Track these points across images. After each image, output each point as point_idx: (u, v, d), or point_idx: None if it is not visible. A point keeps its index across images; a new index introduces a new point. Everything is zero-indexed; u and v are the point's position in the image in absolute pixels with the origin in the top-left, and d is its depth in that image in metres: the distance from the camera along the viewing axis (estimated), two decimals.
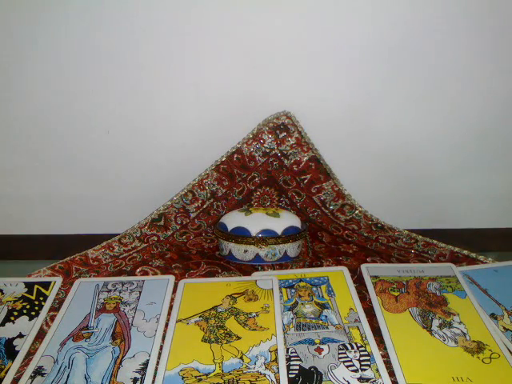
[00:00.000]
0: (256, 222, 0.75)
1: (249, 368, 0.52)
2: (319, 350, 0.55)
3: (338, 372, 0.52)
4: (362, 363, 0.53)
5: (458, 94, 0.83)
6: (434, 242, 0.79)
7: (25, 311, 0.63)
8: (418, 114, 0.84)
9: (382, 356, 0.54)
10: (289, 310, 0.62)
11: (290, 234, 0.74)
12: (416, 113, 0.84)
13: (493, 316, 0.61)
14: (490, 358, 0.54)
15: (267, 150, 0.84)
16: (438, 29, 0.78)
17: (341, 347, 0.55)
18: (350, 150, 0.87)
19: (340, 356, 0.54)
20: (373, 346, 0.55)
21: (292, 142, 0.84)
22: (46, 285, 0.68)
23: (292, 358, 0.54)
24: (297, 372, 0.52)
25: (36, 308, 0.64)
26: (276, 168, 0.85)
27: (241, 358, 0.54)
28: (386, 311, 0.61)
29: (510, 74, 0.81)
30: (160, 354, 0.55)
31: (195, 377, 0.52)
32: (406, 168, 0.89)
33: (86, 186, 0.89)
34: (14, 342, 0.58)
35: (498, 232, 0.92)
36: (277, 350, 0.55)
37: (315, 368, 0.52)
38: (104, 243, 0.79)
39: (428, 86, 0.82)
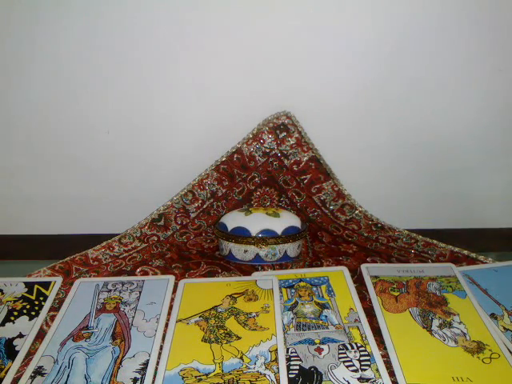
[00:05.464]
0: (256, 222, 0.75)
1: (249, 368, 0.52)
2: (319, 350, 0.55)
3: (338, 372, 0.52)
4: (362, 363, 0.53)
5: (458, 94, 0.83)
6: (434, 242, 0.79)
7: (25, 311, 0.63)
8: (418, 114, 0.84)
9: (382, 356, 0.54)
10: (289, 310, 0.62)
11: (289, 234, 0.74)
12: (416, 113, 0.84)
13: (493, 316, 0.61)
14: (490, 358, 0.54)
15: (267, 150, 0.84)
16: (438, 28, 0.78)
17: (341, 347, 0.55)
18: (350, 150, 0.87)
19: (340, 356, 0.54)
20: (373, 346, 0.55)
21: (292, 142, 0.84)
22: (46, 285, 0.68)
23: (292, 358, 0.54)
24: (297, 372, 0.52)
25: (36, 308, 0.64)
26: (276, 168, 0.85)
27: (241, 357, 0.54)
28: (386, 311, 0.61)
29: (510, 73, 0.81)
30: (160, 354, 0.55)
31: (195, 377, 0.51)
32: (405, 168, 0.89)
33: (86, 186, 0.89)
34: (14, 342, 0.58)
35: (498, 232, 0.92)
36: (277, 349, 0.55)
37: (315, 368, 0.52)
38: (104, 243, 0.79)
39: (428, 85, 0.82)
